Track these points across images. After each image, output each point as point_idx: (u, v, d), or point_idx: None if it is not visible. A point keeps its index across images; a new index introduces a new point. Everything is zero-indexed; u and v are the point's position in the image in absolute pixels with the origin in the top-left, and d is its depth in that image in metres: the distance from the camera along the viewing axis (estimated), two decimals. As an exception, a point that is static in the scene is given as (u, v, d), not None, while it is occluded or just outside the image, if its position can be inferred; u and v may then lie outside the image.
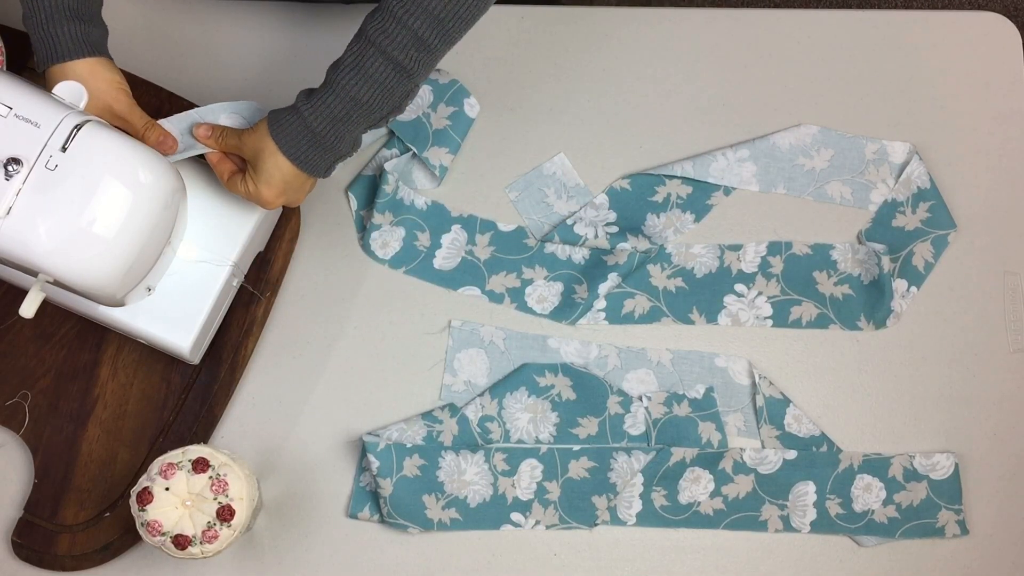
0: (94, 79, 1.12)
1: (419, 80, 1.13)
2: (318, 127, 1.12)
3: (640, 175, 1.35)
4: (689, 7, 1.45)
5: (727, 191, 1.35)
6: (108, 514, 1.23)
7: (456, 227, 1.33)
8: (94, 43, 1.13)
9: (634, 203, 1.34)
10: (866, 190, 1.35)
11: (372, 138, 1.33)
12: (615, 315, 1.31)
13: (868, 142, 1.36)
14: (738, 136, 1.38)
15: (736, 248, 1.33)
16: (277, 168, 1.13)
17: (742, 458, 1.27)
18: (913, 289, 1.32)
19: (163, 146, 1.15)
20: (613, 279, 1.30)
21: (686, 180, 1.35)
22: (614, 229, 1.33)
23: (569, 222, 1.33)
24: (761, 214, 1.35)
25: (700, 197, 1.35)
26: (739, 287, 1.32)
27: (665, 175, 1.34)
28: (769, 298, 1.32)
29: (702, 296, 1.32)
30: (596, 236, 1.32)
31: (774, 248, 1.33)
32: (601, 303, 1.30)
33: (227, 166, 1.18)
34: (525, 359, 1.30)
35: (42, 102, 1.03)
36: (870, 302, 1.31)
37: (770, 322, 1.31)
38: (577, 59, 1.40)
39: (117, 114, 1.14)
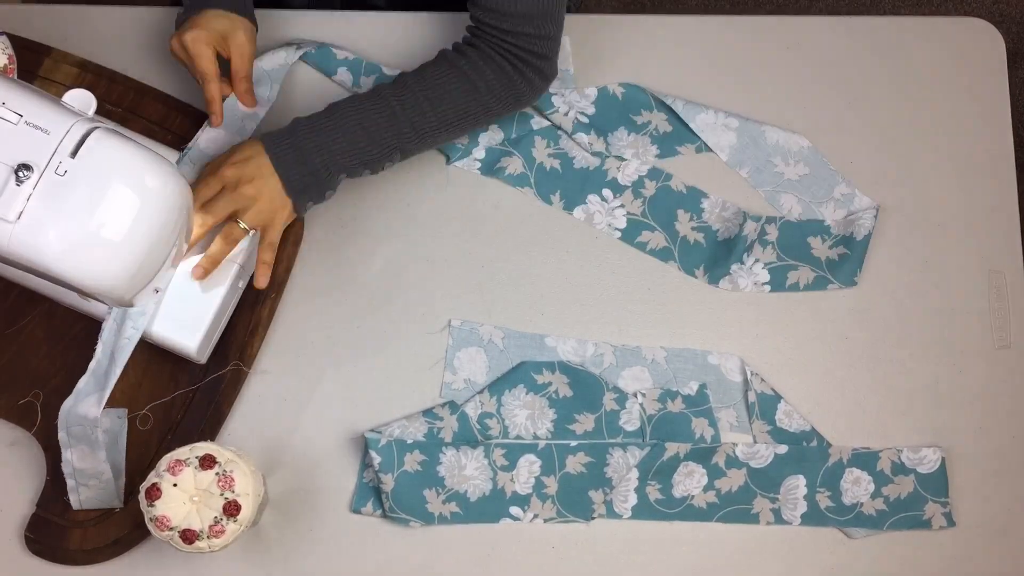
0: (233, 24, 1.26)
1: (407, 151, 1.27)
2: (310, 149, 1.22)
3: (635, 87, 1.39)
4: (682, 15, 1.46)
5: (700, 149, 1.39)
6: (118, 510, 1.24)
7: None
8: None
9: (616, 113, 1.39)
10: (813, 217, 1.37)
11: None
12: (630, 235, 1.36)
13: (843, 183, 1.38)
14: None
15: (756, 219, 1.35)
16: (264, 184, 1.21)
17: (734, 453, 1.29)
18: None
19: (246, 96, 1.28)
20: (540, 144, 1.38)
21: (671, 118, 1.39)
22: (585, 120, 1.37)
23: (551, 90, 1.38)
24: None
25: (673, 140, 1.39)
26: (745, 256, 1.35)
27: (657, 97, 1.39)
28: (766, 264, 1.35)
29: (715, 257, 1.35)
30: (567, 114, 1.37)
31: (769, 220, 1.36)
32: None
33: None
34: (523, 357, 1.31)
35: (52, 109, 1.03)
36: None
37: (768, 287, 1.34)
38: (571, 65, 1.41)
39: (233, 47, 1.26)
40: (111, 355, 1.18)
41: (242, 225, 1.21)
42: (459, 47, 1.28)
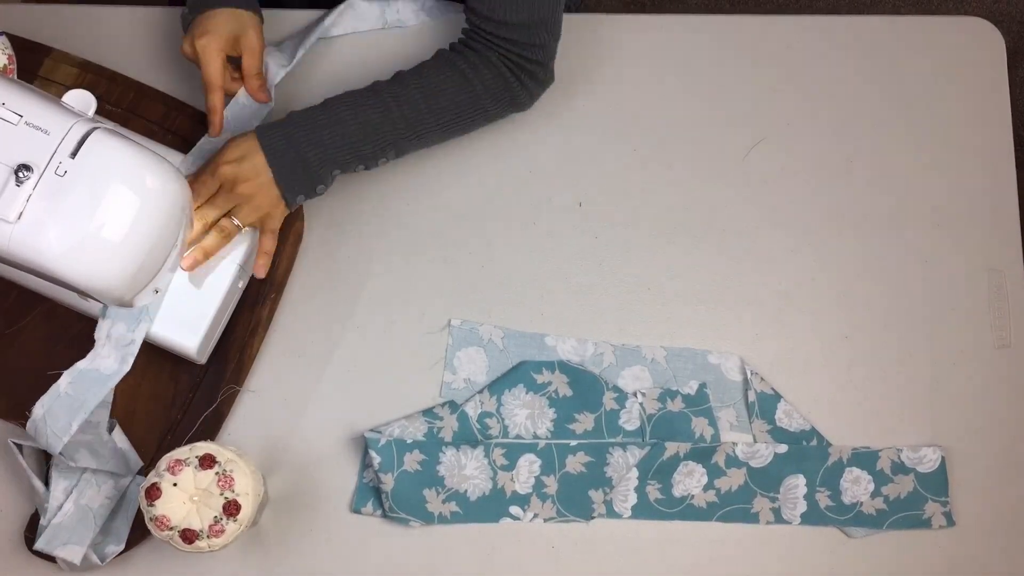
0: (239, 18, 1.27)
1: (402, 149, 1.28)
2: (303, 142, 1.21)
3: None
4: (682, 15, 1.46)
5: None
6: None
7: None
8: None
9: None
10: None
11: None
12: None
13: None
14: (728, 141, 1.40)
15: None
16: (259, 181, 1.21)
17: (734, 452, 1.29)
18: None
19: (259, 94, 1.29)
20: None
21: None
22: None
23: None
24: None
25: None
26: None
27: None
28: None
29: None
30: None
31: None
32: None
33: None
34: (523, 357, 1.32)
35: (52, 110, 1.03)
36: None
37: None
38: (572, 65, 1.41)
39: (245, 46, 1.27)
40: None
41: (236, 222, 1.21)
42: (457, 47, 1.28)
